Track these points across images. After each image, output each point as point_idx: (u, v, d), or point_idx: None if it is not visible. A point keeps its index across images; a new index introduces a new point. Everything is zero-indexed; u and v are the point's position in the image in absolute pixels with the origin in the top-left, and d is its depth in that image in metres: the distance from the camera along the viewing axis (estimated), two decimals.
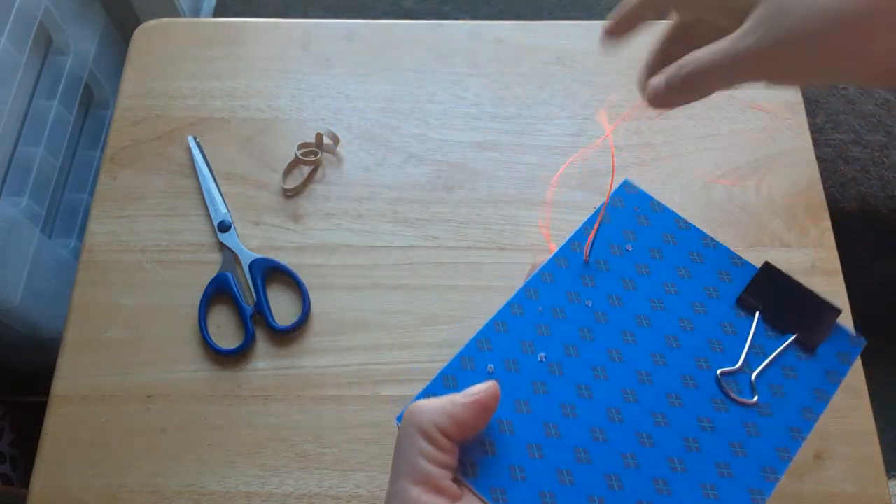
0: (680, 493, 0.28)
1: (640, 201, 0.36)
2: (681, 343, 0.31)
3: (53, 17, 0.89)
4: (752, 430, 0.30)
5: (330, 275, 0.53)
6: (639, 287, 0.33)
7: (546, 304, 0.32)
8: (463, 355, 0.31)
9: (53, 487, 0.47)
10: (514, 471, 0.28)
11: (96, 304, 0.52)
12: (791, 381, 0.31)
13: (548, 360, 0.31)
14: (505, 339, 0.31)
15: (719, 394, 0.30)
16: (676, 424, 0.29)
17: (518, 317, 0.32)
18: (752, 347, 0.31)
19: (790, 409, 0.30)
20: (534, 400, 0.30)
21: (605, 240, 0.34)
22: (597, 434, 0.29)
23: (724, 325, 0.32)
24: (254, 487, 0.47)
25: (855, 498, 0.46)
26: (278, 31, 0.64)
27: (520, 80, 0.62)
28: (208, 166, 0.57)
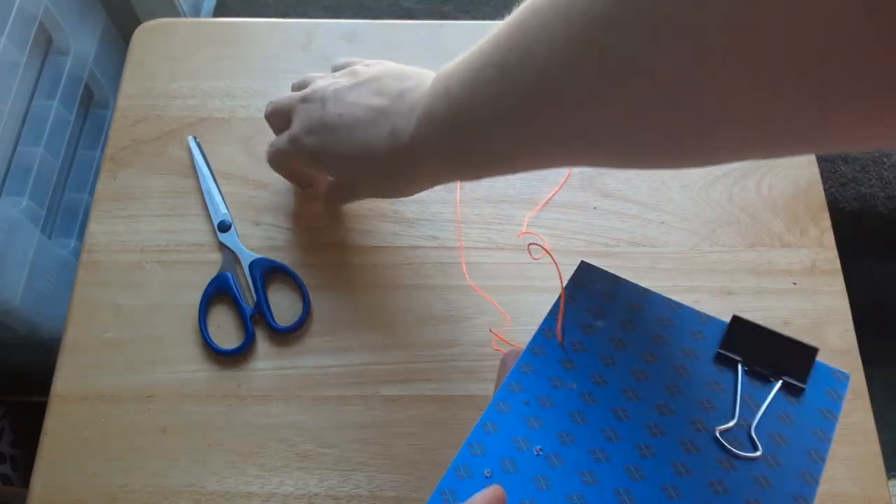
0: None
1: (600, 278, 0.36)
2: (673, 409, 0.31)
3: (53, 18, 0.89)
4: (765, 483, 0.29)
5: (330, 275, 0.53)
6: (618, 361, 0.33)
7: (531, 395, 0.31)
8: (457, 465, 0.29)
9: (53, 487, 0.47)
10: None
11: (96, 303, 0.52)
12: (789, 427, 0.31)
13: (545, 453, 0.30)
14: (496, 439, 0.30)
15: (722, 453, 0.30)
16: (689, 494, 0.28)
17: (506, 413, 0.31)
18: (742, 400, 0.31)
19: (796, 455, 0.30)
20: (539, 497, 0.28)
21: (576, 321, 0.34)
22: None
23: (709, 383, 0.32)
24: (254, 487, 0.47)
25: (855, 498, 0.46)
26: (278, 31, 0.64)
27: None
28: (208, 166, 0.57)
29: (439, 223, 0.55)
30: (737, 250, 0.54)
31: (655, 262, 0.54)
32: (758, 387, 0.32)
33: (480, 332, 0.51)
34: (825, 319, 0.51)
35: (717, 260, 0.54)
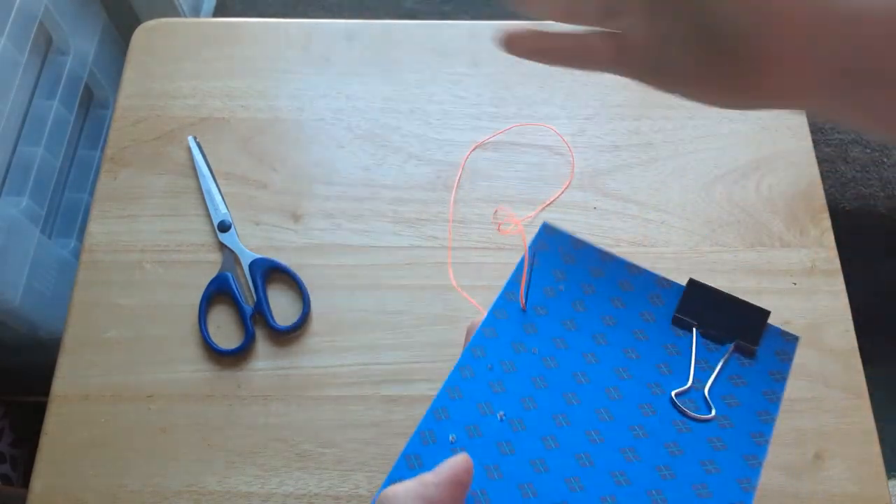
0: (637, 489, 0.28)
1: (563, 241, 0.36)
2: (631, 373, 0.32)
3: (53, 17, 0.89)
4: (718, 445, 0.30)
5: (330, 275, 0.53)
6: (579, 326, 0.33)
7: (494, 359, 0.32)
8: (422, 430, 0.30)
9: (53, 487, 0.47)
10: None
11: (96, 303, 0.52)
12: (741, 389, 0.32)
13: (508, 418, 0.30)
14: (461, 404, 0.31)
15: (678, 416, 0.31)
16: (646, 456, 0.29)
17: (470, 379, 0.31)
18: (697, 363, 0.32)
19: (748, 416, 0.31)
20: (503, 462, 0.29)
21: (538, 284, 0.34)
22: (572, 484, 0.29)
23: (666, 346, 0.33)
24: (254, 487, 0.47)
25: (855, 498, 0.46)
26: (278, 31, 0.64)
27: (520, 80, 0.62)
28: (208, 166, 0.57)
29: (439, 223, 0.55)
30: (737, 250, 0.54)
31: (655, 261, 0.54)
32: (712, 350, 0.33)
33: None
34: (825, 319, 0.51)
35: (717, 260, 0.54)
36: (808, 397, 0.49)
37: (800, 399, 0.49)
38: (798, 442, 0.47)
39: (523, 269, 0.33)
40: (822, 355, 0.50)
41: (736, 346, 0.33)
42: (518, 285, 0.34)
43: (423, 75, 0.62)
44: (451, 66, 0.63)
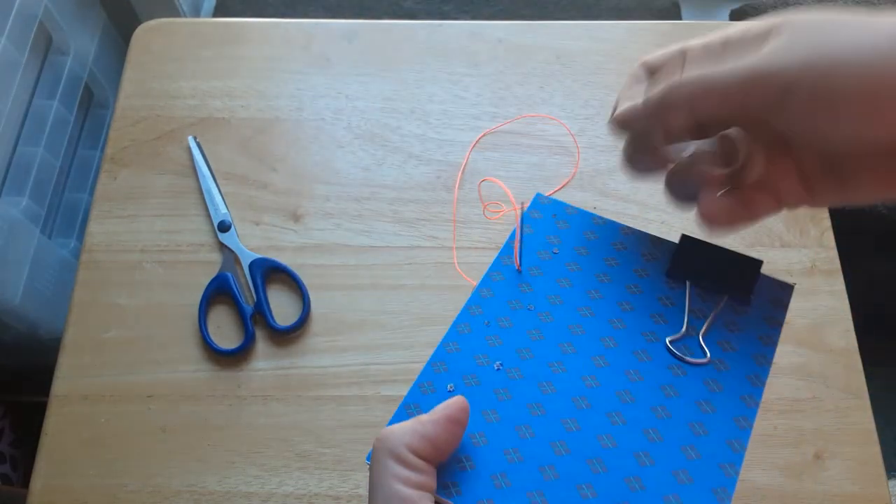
0: (662, 461, 0.28)
1: (556, 208, 0.37)
2: (626, 323, 0.32)
3: (53, 17, 0.89)
4: (715, 387, 0.31)
5: (330, 275, 0.53)
6: (574, 283, 0.34)
7: (491, 316, 0.33)
8: (420, 382, 0.31)
9: (53, 487, 0.47)
10: (497, 479, 0.28)
11: (96, 303, 0.52)
12: (736, 335, 0.32)
13: (505, 367, 0.31)
14: (458, 357, 0.32)
15: (673, 360, 0.31)
16: (641, 398, 0.30)
17: (467, 335, 0.32)
18: (691, 312, 0.33)
19: (743, 360, 0.31)
20: (500, 407, 0.30)
21: (532, 249, 0.35)
22: (569, 425, 0.29)
23: (661, 298, 0.33)
24: (254, 487, 0.47)
25: (855, 497, 0.46)
26: (278, 31, 0.64)
27: (520, 79, 0.62)
28: (208, 166, 0.57)
29: (439, 223, 0.55)
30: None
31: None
32: (707, 300, 0.33)
33: None
34: (825, 319, 0.51)
35: None
36: (808, 397, 0.49)
37: (800, 399, 0.49)
38: (798, 442, 0.47)
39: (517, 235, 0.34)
40: (823, 355, 0.50)
41: (730, 294, 0.33)
42: (511, 250, 0.34)
43: (423, 75, 0.62)
44: (451, 66, 0.63)
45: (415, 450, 0.27)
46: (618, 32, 0.64)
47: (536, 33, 0.64)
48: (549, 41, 0.64)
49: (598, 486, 0.28)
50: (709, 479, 0.28)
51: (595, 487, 0.28)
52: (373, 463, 0.27)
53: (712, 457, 0.28)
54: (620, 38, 0.64)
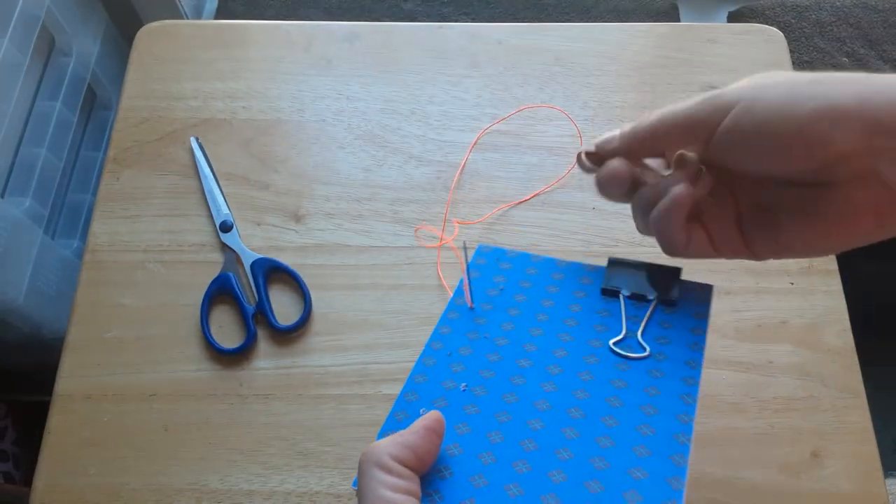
0: (621, 440, 0.32)
1: (498, 254, 0.42)
2: (572, 336, 0.37)
3: (56, 19, 0.89)
4: (658, 374, 0.35)
5: (331, 275, 0.54)
6: (522, 311, 0.38)
7: (452, 348, 0.37)
8: (395, 411, 0.34)
9: (56, 485, 0.47)
10: (476, 479, 0.31)
11: (99, 303, 0.53)
12: (670, 330, 0.37)
13: (470, 387, 0.35)
14: (427, 386, 0.35)
15: (618, 359, 0.35)
16: (595, 393, 0.34)
17: (432, 366, 0.36)
18: (628, 318, 0.37)
19: (679, 349, 0.36)
20: (470, 420, 0.33)
21: (482, 288, 0.40)
22: (534, 425, 0.33)
23: (599, 311, 0.38)
24: (255, 485, 0.47)
25: (852, 496, 0.46)
26: (280, 32, 0.65)
27: (519, 81, 0.62)
28: (210, 167, 0.58)
29: (439, 223, 0.56)
30: None
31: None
32: (640, 307, 0.38)
33: None
34: (822, 319, 0.52)
35: (716, 260, 0.54)
36: (806, 396, 0.49)
37: (797, 398, 0.49)
38: (795, 441, 0.48)
39: (465, 278, 0.39)
40: (820, 355, 0.51)
41: (658, 299, 0.38)
42: (462, 293, 0.39)
43: (423, 77, 0.62)
44: (450, 67, 0.63)
45: (398, 459, 0.29)
46: (616, 34, 0.65)
47: (536, 35, 0.64)
48: (549, 43, 0.64)
49: (567, 471, 0.31)
50: (665, 447, 0.31)
51: (565, 472, 0.31)
52: (360, 475, 0.29)
53: (665, 430, 0.32)
54: (619, 40, 0.64)
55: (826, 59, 1.02)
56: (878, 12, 1.06)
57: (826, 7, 1.06)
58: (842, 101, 0.28)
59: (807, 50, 1.03)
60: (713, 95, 0.31)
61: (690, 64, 0.63)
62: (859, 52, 1.02)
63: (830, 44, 1.03)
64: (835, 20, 1.05)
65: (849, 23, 1.05)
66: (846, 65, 1.01)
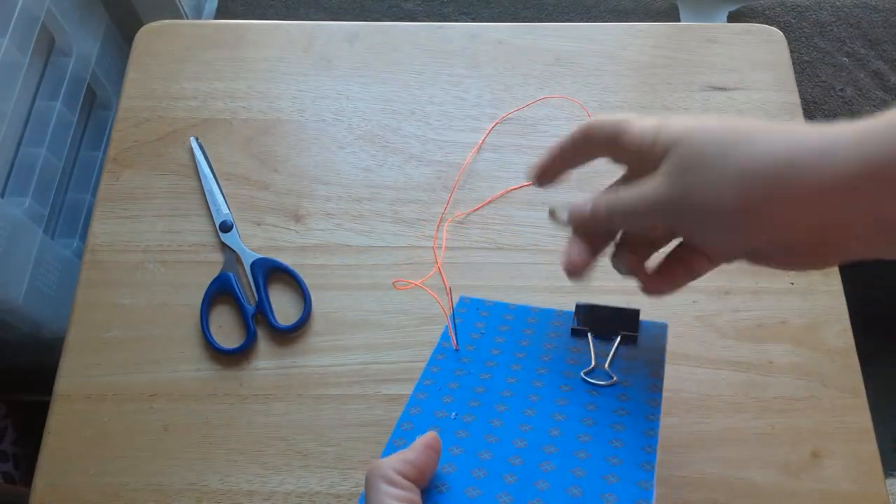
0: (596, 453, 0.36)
1: (478, 305, 0.47)
2: (548, 369, 0.42)
3: (56, 19, 0.89)
4: (624, 398, 0.40)
5: (331, 275, 0.54)
6: (502, 350, 0.43)
7: (441, 383, 0.41)
8: (394, 438, 0.38)
9: (56, 486, 0.47)
10: (470, 491, 0.34)
11: (99, 303, 0.53)
12: (632, 362, 0.42)
13: (460, 415, 0.39)
14: (421, 417, 0.39)
15: (589, 386, 0.40)
16: (571, 415, 0.39)
17: (424, 399, 0.40)
18: (596, 354, 0.42)
19: (642, 376, 0.41)
20: (461, 442, 0.37)
21: (465, 332, 0.45)
22: (518, 444, 0.37)
23: (571, 349, 0.43)
24: (255, 486, 0.47)
25: (852, 496, 0.46)
26: (280, 32, 0.65)
27: (519, 81, 0.62)
28: (210, 167, 0.58)
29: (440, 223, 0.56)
30: None
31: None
32: (605, 344, 0.43)
33: None
34: (823, 319, 0.52)
35: None
36: (806, 396, 0.49)
37: (797, 398, 0.49)
38: (795, 441, 0.48)
39: (449, 326, 0.44)
40: (820, 355, 0.51)
41: (622, 336, 0.43)
42: (448, 338, 0.44)
43: (423, 77, 0.62)
44: (451, 67, 0.63)
45: (402, 473, 0.32)
46: (617, 34, 0.65)
47: (536, 35, 0.64)
48: (549, 43, 0.64)
49: (550, 480, 0.35)
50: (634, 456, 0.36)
51: (548, 481, 0.35)
52: (367, 488, 0.32)
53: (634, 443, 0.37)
54: (619, 40, 0.64)
55: (826, 59, 1.02)
56: (878, 12, 1.06)
57: (826, 7, 1.06)
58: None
59: (807, 50, 1.03)
60: (653, 202, 0.33)
61: (690, 64, 0.63)
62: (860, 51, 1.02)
63: (830, 44, 1.03)
64: (835, 20, 1.05)
65: (849, 23, 1.05)
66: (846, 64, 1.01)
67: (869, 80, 1.00)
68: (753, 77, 0.62)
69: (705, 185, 0.31)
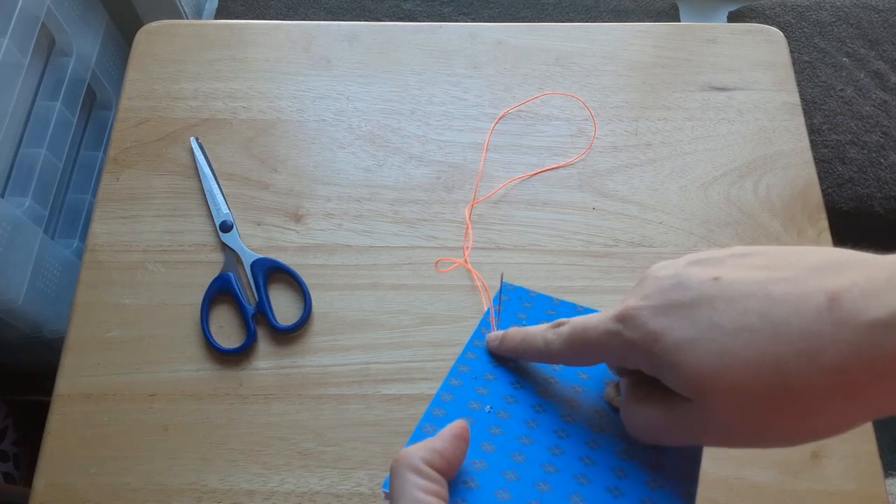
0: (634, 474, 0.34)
1: (521, 294, 0.44)
2: (589, 374, 0.39)
3: (56, 19, 0.89)
4: None
5: (331, 275, 0.54)
6: None
7: (477, 372, 0.39)
8: (423, 423, 0.36)
9: (56, 486, 0.47)
10: (500, 493, 0.33)
11: (99, 303, 0.53)
12: None
13: (494, 410, 0.37)
14: (453, 404, 0.37)
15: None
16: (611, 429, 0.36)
17: (458, 387, 0.38)
18: None
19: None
20: (494, 440, 0.35)
21: (505, 321, 0.42)
22: (554, 450, 0.35)
23: None
24: (255, 485, 0.47)
25: (852, 496, 0.46)
26: (280, 32, 0.65)
27: (519, 81, 0.62)
28: (210, 167, 0.58)
29: (439, 223, 0.56)
30: None
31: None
32: None
33: None
34: None
35: None
36: None
37: None
38: None
39: (491, 311, 0.41)
40: None
41: None
42: (488, 323, 0.42)
43: (423, 77, 0.62)
44: (451, 67, 0.63)
45: (429, 462, 0.30)
46: (617, 34, 0.65)
47: (536, 35, 0.65)
48: (549, 43, 0.64)
49: (585, 495, 0.33)
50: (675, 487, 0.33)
51: (582, 495, 0.33)
52: (393, 477, 0.30)
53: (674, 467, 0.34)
54: (619, 40, 0.64)
55: (826, 59, 1.02)
56: (878, 12, 1.06)
57: (826, 7, 1.06)
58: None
59: (807, 50, 1.03)
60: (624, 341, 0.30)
61: (690, 64, 0.63)
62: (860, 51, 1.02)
63: (831, 44, 1.03)
64: (835, 20, 1.05)
65: (849, 23, 1.05)
66: (846, 65, 1.01)
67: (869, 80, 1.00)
68: (753, 77, 0.62)
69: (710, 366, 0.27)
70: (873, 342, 0.24)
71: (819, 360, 0.25)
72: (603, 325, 0.31)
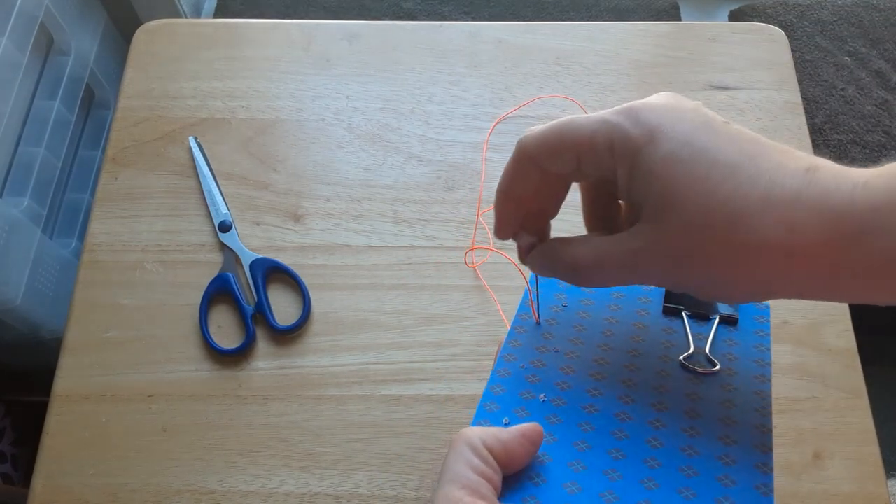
0: (705, 450, 0.33)
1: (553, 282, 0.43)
2: (640, 351, 0.37)
3: (54, 18, 0.89)
4: (730, 388, 0.35)
5: (330, 275, 0.54)
6: (587, 327, 0.39)
7: (524, 361, 0.37)
8: (478, 420, 0.35)
9: (54, 486, 0.47)
10: (569, 486, 0.32)
11: (97, 303, 0.53)
12: (734, 347, 0.37)
13: (549, 398, 0.35)
14: (505, 396, 0.36)
15: (689, 373, 0.36)
16: (673, 405, 0.35)
17: (507, 378, 0.37)
18: (693, 336, 0.38)
19: (747, 364, 0.36)
20: (554, 430, 0.34)
21: (544, 304, 0.40)
22: (618, 435, 0.33)
23: (664, 329, 0.39)
24: (254, 486, 0.47)
25: (854, 497, 0.46)
26: (279, 31, 0.65)
27: (519, 80, 0.62)
28: (209, 166, 0.58)
29: (439, 223, 0.55)
30: None
31: None
32: (702, 325, 0.38)
33: (480, 332, 0.51)
34: (824, 319, 0.52)
35: None
36: (807, 397, 0.49)
37: (799, 399, 0.49)
38: (797, 441, 0.48)
39: (530, 295, 0.39)
40: (822, 355, 0.50)
41: (720, 317, 0.38)
42: (527, 308, 0.40)
43: (422, 76, 0.62)
44: (450, 66, 0.63)
45: (488, 446, 0.30)
46: (617, 33, 0.65)
47: (536, 34, 0.64)
48: (549, 42, 0.64)
49: (658, 479, 0.31)
50: (747, 456, 0.32)
51: (657, 480, 0.31)
52: (449, 451, 0.30)
53: (747, 441, 0.33)
54: (620, 39, 0.64)
55: (827, 59, 1.01)
56: (879, 11, 1.06)
57: (827, 6, 1.06)
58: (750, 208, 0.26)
59: (808, 49, 1.03)
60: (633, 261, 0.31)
61: (691, 63, 0.63)
62: (861, 51, 1.02)
63: (832, 43, 1.03)
64: (836, 19, 1.05)
65: (850, 22, 1.04)
66: (847, 64, 1.01)
67: (870, 80, 1.00)
68: (754, 76, 0.62)
69: (695, 250, 0.28)
70: (837, 213, 0.25)
71: (785, 215, 0.26)
72: (597, 116, 0.31)
